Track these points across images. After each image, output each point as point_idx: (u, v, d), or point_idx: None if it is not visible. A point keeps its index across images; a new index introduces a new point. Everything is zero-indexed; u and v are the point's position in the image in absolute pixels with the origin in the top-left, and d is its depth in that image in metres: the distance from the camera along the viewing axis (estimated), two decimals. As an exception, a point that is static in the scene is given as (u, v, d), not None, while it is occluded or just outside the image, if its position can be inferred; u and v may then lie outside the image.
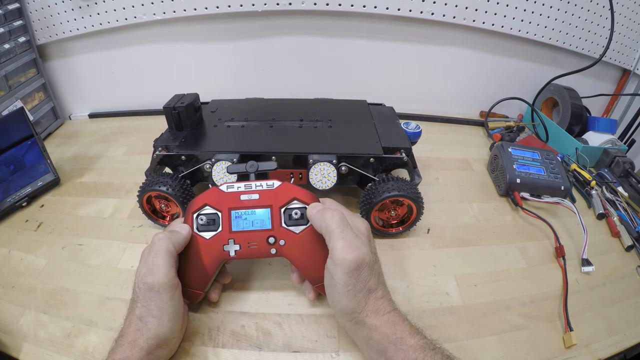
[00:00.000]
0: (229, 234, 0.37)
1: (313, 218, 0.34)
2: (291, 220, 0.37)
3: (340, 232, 0.31)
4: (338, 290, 0.31)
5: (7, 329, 0.40)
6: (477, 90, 0.87)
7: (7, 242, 0.51)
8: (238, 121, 0.57)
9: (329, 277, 0.32)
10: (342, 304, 0.31)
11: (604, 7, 0.74)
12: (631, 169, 0.64)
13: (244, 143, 0.52)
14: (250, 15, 0.74)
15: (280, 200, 0.37)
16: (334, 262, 0.31)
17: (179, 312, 0.34)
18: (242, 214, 0.37)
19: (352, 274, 0.30)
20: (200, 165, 0.49)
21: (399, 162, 0.50)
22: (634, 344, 0.40)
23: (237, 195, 0.37)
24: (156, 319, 0.32)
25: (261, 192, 0.37)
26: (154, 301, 0.32)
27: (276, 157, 0.49)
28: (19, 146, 0.57)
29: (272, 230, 0.37)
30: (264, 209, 0.37)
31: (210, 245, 0.37)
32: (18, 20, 0.71)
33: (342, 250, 0.30)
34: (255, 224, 0.37)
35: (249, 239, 0.37)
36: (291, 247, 0.36)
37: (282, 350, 0.37)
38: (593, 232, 0.54)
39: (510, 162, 0.60)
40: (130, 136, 0.77)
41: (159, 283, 0.32)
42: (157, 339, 0.32)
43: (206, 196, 0.38)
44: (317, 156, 0.48)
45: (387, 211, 0.49)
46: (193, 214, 0.37)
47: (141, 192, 0.48)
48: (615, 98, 0.88)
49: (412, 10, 0.72)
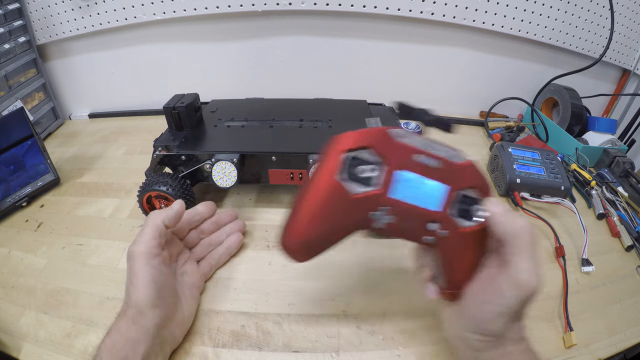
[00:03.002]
0: (385, 198, 0.27)
1: (498, 219, 0.27)
2: (462, 211, 0.28)
3: (531, 250, 0.26)
4: (498, 310, 0.26)
5: (7, 329, 0.40)
6: (477, 90, 0.87)
7: (7, 242, 0.51)
8: (238, 121, 0.57)
9: (495, 292, 0.27)
10: (492, 326, 0.27)
11: (604, 7, 0.74)
12: (631, 169, 0.64)
13: (244, 143, 0.52)
14: (250, 15, 0.74)
15: (461, 182, 0.28)
16: (512, 282, 0.26)
17: (157, 280, 0.34)
18: (410, 179, 0.27)
19: (524, 301, 0.26)
20: (200, 165, 0.49)
21: None
22: (634, 344, 0.40)
23: (413, 151, 0.27)
24: (133, 286, 0.34)
25: (443, 160, 0.27)
26: (132, 268, 0.34)
27: (276, 157, 0.49)
28: (19, 146, 0.57)
29: (439, 214, 0.27)
30: (440, 184, 0.27)
31: (352, 204, 0.27)
32: (18, 20, 0.71)
33: (528, 272, 0.25)
34: (420, 198, 0.27)
35: (407, 213, 0.27)
36: (452, 242, 0.28)
37: (282, 350, 0.37)
38: (593, 232, 0.54)
39: (510, 162, 0.60)
40: (130, 136, 0.77)
41: (137, 250, 0.35)
42: (137, 307, 0.33)
43: (370, 136, 0.27)
44: (317, 156, 0.48)
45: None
46: (345, 153, 0.27)
47: (141, 192, 0.48)
48: (615, 98, 0.88)
49: (412, 10, 0.72)
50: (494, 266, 0.28)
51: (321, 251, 0.29)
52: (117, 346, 0.31)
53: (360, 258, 0.48)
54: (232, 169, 0.47)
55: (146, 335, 0.32)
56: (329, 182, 0.26)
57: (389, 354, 0.37)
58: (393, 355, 0.37)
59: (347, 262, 0.47)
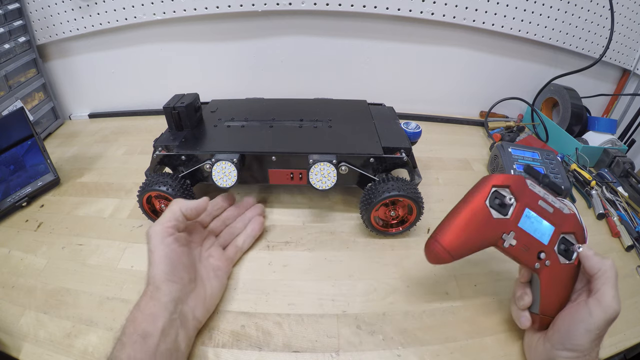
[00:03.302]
0: (514, 226, 0.36)
1: (589, 257, 0.35)
2: (562, 249, 0.37)
3: (615, 282, 0.33)
4: (588, 328, 0.32)
5: (7, 329, 0.40)
6: (477, 90, 0.87)
7: (7, 242, 0.51)
8: (238, 121, 0.57)
9: (585, 313, 0.33)
10: (581, 341, 0.32)
11: (604, 7, 0.74)
12: (631, 169, 0.64)
13: (244, 143, 0.52)
14: (250, 15, 0.74)
15: (564, 227, 0.37)
16: (600, 305, 0.32)
17: (171, 257, 0.37)
18: (532, 217, 0.36)
19: (608, 323, 0.32)
20: (200, 165, 0.49)
21: (399, 162, 0.50)
22: (634, 344, 0.41)
23: (537, 198, 0.37)
24: (150, 264, 0.37)
25: (555, 209, 0.37)
26: (149, 247, 0.37)
27: (276, 157, 0.49)
28: (19, 146, 0.57)
29: (547, 246, 0.36)
30: (550, 225, 0.37)
31: (492, 224, 0.36)
32: (18, 20, 0.71)
33: (613, 298, 0.32)
34: (537, 232, 0.36)
35: (526, 241, 0.36)
36: (552, 271, 0.36)
37: (282, 350, 0.37)
38: (593, 232, 0.54)
39: (510, 162, 0.60)
40: (130, 136, 0.77)
41: (153, 230, 0.38)
42: (153, 283, 0.35)
43: (511, 180, 0.37)
44: (317, 156, 0.48)
45: (387, 211, 0.48)
46: (492, 187, 0.36)
47: (141, 192, 0.48)
48: (615, 98, 0.88)
49: (412, 10, 0.72)
50: (584, 297, 0.35)
51: (460, 257, 0.36)
52: (138, 320, 0.33)
53: (360, 258, 0.48)
54: (232, 168, 0.47)
55: (163, 310, 0.34)
56: (480, 205, 0.36)
57: (389, 354, 0.37)
58: (393, 355, 0.37)
59: (347, 262, 0.47)
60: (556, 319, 0.35)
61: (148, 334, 0.32)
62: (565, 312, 0.35)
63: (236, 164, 0.47)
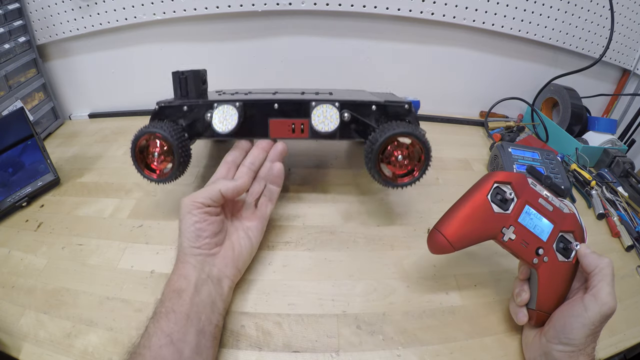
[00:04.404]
0: (514, 221, 0.37)
1: (587, 255, 0.36)
2: (560, 247, 0.38)
3: (612, 280, 0.34)
4: (583, 323, 0.33)
5: (7, 329, 0.40)
6: (477, 90, 0.87)
7: (7, 242, 0.51)
8: (242, 93, 0.56)
9: (580, 308, 0.34)
10: (576, 336, 0.33)
11: (604, 7, 0.74)
12: (631, 169, 0.64)
13: (247, 99, 0.50)
14: (250, 15, 0.74)
15: (564, 225, 0.38)
16: (597, 301, 0.33)
17: (198, 227, 0.39)
18: (532, 213, 0.38)
19: (603, 318, 0.33)
20: (201, 114, 0.48)
21: (401, 111, 0.48)
22: (634, 344, 0.41)
23: (537, 196, 0.39)
24: (179, 233, 0.40)
25: (555, 208, 0.39)
26: (179, 216, 0.40)
27: (278, 104, 0.48)
28: (19, 146, 0.57)
29: (545, 243, 0.37)
30: (550, 223, 0.38)
31: (492, 218, 0.37)
32: (18, 20, 0.71)
33: (608, 295, 0.33)
34: (536, 228, 0.38)
35: (525, 237, 0.37)
36: (550, 267, 0.37)
37: (282, 350, 0.37)
38: (593, 232, 0.55)
39: (510, 162, 0.60)
40: (130, 136, 0.75)
41: (184, 201, 0.40)
42: (182, 249, 0.39)
43: (513, 177, 0.39)
44: (320, 102, 0.47)
45: (393, 157, 0.45)
46: (494, 183, 0.38)
47: (138, 135, 0.46)
48: (615, 98, 0.88)
49: (412, 10, 0.72)
50: (581, 294, 0.36)
51: (461, 248, 0.37)
52: (172, 281, 0.37)
53: (360, 258, 0.48)
54: (233, 111, 0.46)
55: (192, 269, 0.37)
56: (482, 199, 0.38)
57: (389, 354, 0.37)
58: (393, 355, 0.37)
59: (347, 262, 0.47)
60: (553, 315, 0.36)
61: (182, 289, 0.36)
62: (561, 309, 0.36)
63: (238, 109, 0.46)
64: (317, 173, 0.63)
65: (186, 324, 0.33)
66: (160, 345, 0.32)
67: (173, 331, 0.33)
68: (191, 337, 0.33)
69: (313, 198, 0.57)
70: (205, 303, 0.36)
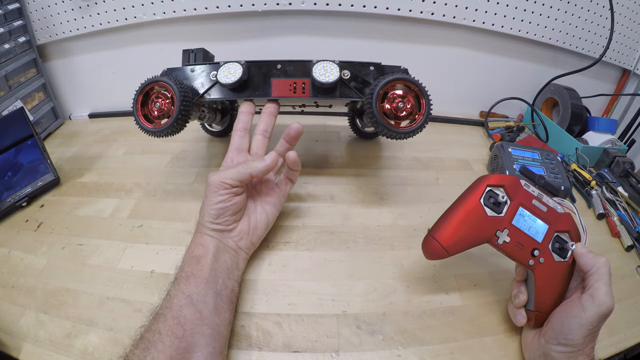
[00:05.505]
0: (508, 224, 0.37)
1: (583, 255, 0.36)
2: (556, 248, 0.38)
3: (609, 279, 0.34)
4: (581, 323, 0.33)
5: (7, 329, 0.40)
6: (477, 90, 0.87)
7: (7, 242, 0.51)
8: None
9: (578, 309, 0.33)
10: (574, 336, 0.33)
11: (604, 7, 0.74)
12: (631, 169, 0.64)
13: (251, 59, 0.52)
14: (250, 15, 0.74)
15: (558, 225, 0.38)
16: (594, 301, 0.33)
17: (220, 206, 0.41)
18: (526, 215, 0.38)
19: (601, 318, 0.33)
20: (206, 75, 0.50)
21: (397, 72, 0.50)
22: (634, 344, 0.41)
23: (530, 197, 0.39)
24: (202, 208, 0.42)
25: (549, 208, 0.38)
26: (205, 191, 0.42)
27: (281, 64, 0.50)
28: (19, 146, 0.57)
29: (541, 244, 0.37)
30: (544, 223, 0.38)
31: (486, 222, 0.37)
32: (18, 20, 0.71)
33: (606, 294, 0.33)
34: (531, 230, 0.38)
35: (520, 239, 0.37)
36: (546, 268, 0.37)
37: (282, 350, 0.37)
38: (593, 232, 0.55)
39: (510, 162, 0.60)
40: (130, 136, 0.77)
41: (211, 179, 0.41)
42: (202, 223, 0.41)
43: (505, 180, 0.39)
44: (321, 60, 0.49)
45: (394, 104, 0.47)
46: (487, 186, 0.38)
47: (145, 83, 0.49)
48: (615, 98, 0.88)
49: (412, 10, 0.72)
50: (578, 294, 0.35)
51: (455, 253, 0.37)
52: (191, 249, 0.40)
53: (360, 258, 0.48)
54: (238, 67, 0.48)
55: (210, 239, 0.40)
56: (475, 203, 0.38)
57: (389, 354, 0.37)
58: (393, 355, 0.37)
59: (347, 262, 0.47)
60: (551, 316, 0.36)
61: (200, 256, 0.38)
62: (559, 309, 0.36)
63: (243, 65, 0.48)
64: (317, 173, 0.63)
65: (205, 287, 0.36)
66: (181, 305, 0.34)
67: (193, 293, 0.35)
68: (210, 298, 0.36)
69: (313, 198, 0.57)
70: (222, 269, 0.39)
